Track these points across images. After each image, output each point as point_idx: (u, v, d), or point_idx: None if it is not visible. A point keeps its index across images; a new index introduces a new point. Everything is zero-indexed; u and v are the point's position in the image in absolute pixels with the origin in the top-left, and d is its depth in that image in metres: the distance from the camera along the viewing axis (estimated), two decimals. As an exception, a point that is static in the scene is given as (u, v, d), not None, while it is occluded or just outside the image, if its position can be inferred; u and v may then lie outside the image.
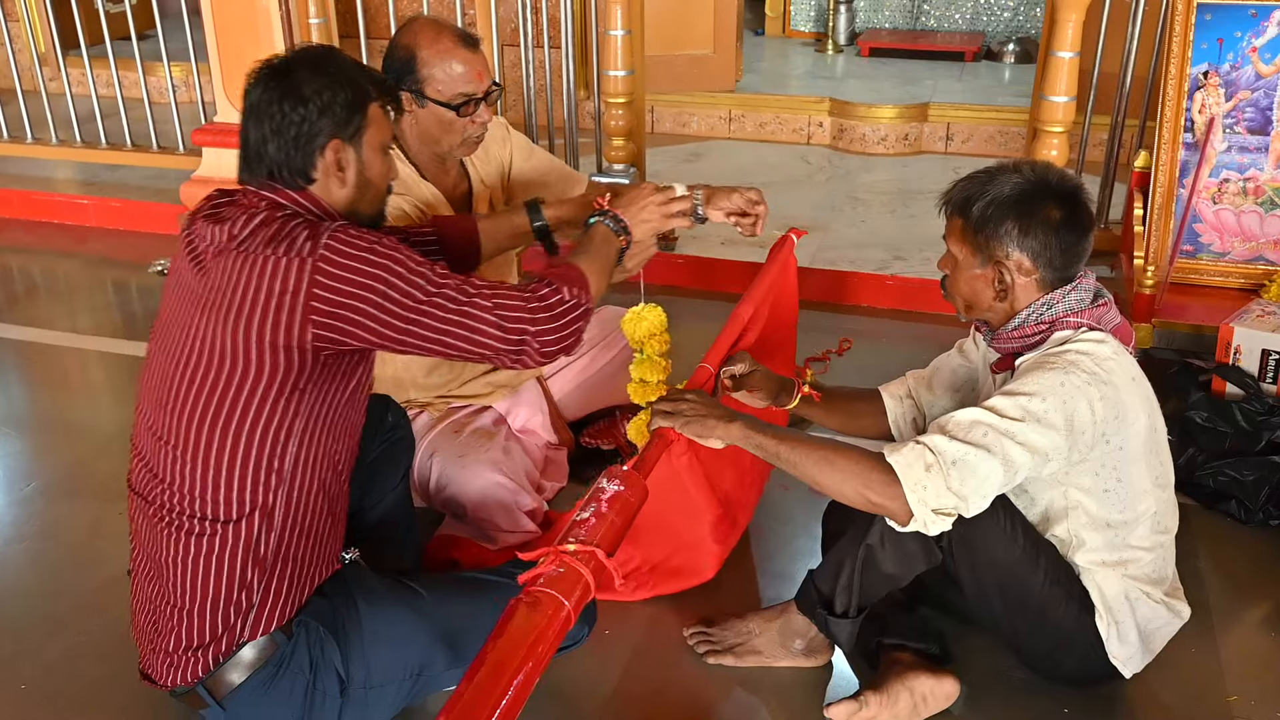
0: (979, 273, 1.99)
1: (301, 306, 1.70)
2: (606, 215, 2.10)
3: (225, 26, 4.21)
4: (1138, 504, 2.00)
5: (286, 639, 1.87)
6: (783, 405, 2.35)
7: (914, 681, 2.07)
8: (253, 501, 1.79)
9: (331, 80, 1.79)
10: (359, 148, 1.83)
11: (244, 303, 1.71)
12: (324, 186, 1.82)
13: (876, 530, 1.96)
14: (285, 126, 1.77)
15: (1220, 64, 3.33)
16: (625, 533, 1.81)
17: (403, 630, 1.95)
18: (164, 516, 1.81)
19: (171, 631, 1.85)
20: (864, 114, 5.42)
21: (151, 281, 4.23)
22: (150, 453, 1.84)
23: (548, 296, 1.84)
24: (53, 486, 2.97)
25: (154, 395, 1.82)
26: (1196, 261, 3.46)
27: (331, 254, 1.70)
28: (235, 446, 1.76)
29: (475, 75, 2.40)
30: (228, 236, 1.74)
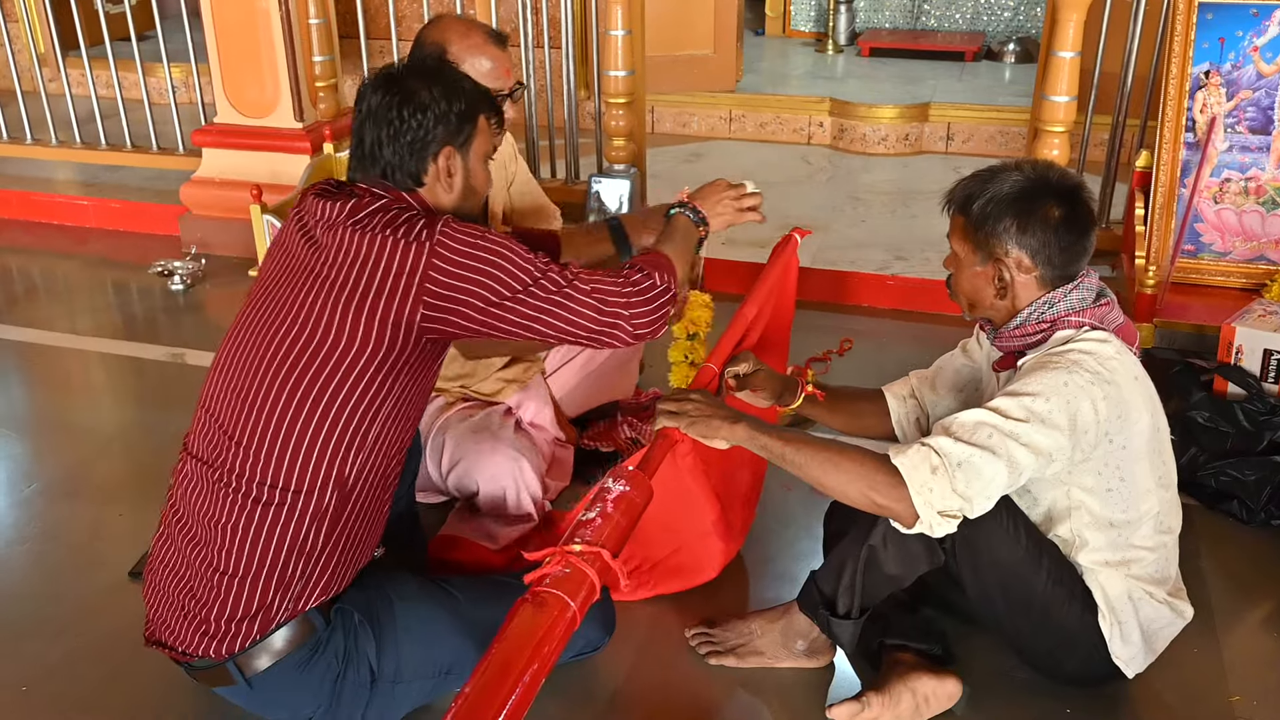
0: (980, 270, 1.99)
1: (416, 286, 1.77)
2: (686, 207, 2.23)
3: (225, 27, 4.21)
4: (1141, 504, 1.99)
5: (325, 623, 1.89)
6: (786, 405, 2.34)
7: (916, 682, 2.07)
8: (325, 475, 1.82)
9: (447, 90, 1.89)
10: (467, 156, 1.93)
11: (359, 277, 1.78)
12: (432, 190, 1.92)
13: (879, 531, 1.96)
14: (402, 131, 1.86)
15: (1222, 63, 3.32)
16: (630, 533, 1.81)
17: (436, 628, 1.97)
18: (230, 480, 1.83)
19: (216, 600, 1.84)
20: (864, 114, 5.42)
21: (152, 282, 4.23)
22: (229, 415, 1.85)
23: (640, 281, 1.94)
24: (53, 488, 2.97)
25: (247, 359, 1.85)
26: (1198, 261, 3.45)
27: (448, 239, 1.79)
28: (324, 417, 1.80)
29: (503, 72, 2.44)
30: (342, 213, 1.82)
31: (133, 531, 2.70)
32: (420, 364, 1.87)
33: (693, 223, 2.22)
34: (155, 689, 2.23)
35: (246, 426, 1.82)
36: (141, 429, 3.29)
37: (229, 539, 1.83)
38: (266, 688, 1.88)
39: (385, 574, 2.04)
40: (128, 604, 2.47)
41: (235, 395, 1.85)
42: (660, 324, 1.98)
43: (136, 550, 2.61)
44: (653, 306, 1.94)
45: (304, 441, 1.80)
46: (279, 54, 4.17)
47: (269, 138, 4.31)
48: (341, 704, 1.93)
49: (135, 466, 3.09)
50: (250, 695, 1.90)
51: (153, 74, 5.21)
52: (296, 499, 1.82)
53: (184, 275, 4.16)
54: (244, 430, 1.82)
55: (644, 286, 1.94)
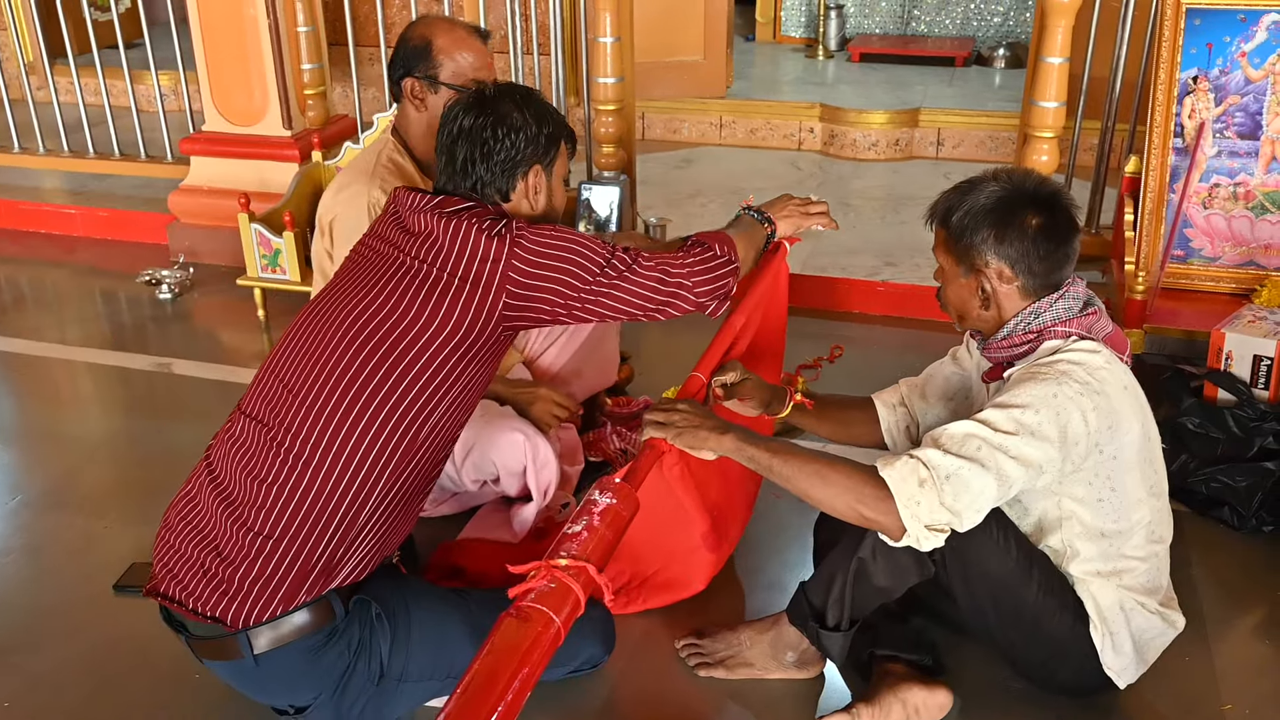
0: (964, 282, 1.99)
1: (500, 277, 1.88)
2: (750, 209, 2.36)
3: (213, 35, 4.19)
4: (1132, 513, 1.98)
5: (344, 612, 1.89)
6: (775, 414, 2.33)
7: (907, 693, 2.06)
8: (378, 450, 1.85)
9: (538, 114, 2.02)
10: (550, 175, 2.06)
11: (445, 262, 1.89)
12: (517, 206, 2.03)
13: (868, 544, 1.95)
14: (496, 150, 1.98)
15: (1210, 69, 3.32)
16: (616, 545, 1.79)
17: (447, 631, 1.99)
18: (284, 440, 1.85)
19: (244, 560, 1.83)
20: (855, 119, 5.42)
21: (140, 291, 4.21)
22: (297, 376, 1.89)
23: (701, 252, 2.09)
24: (39, 500, 2.95)
25: (326, 327, 1.91)
26: (1188, 267, 3.45)
27: (525, 235, 1.91)
28: (390, 392, 1.85)
29: (487, 65, 2.52)
30: (432, 202, 1.95)
31: (118, 544, 2.69)
32: (490, 353, 1.95)
33: (756, 220, 2.33)
34: (141, 703, 2.22)
35: (314, 387, 1.86)
36: (127, 439, 3.27)
37: (268, 497, 1.84)
38: (272, 668, 1.87)
39: (403, 576, 2.08)
40: (113, 617, 2.46)
41: (307, 359, 1.89)
42: (723, 293, 2.10)
43: (122, 563, 2.59)
44: (713, 275, 2.07)
45: (366, 412, 1.84)
46: (267, 62, 4.15)
47: (257, 146, 4.29)
48: (345, 696, 1.94)
49: (121, 478, 3.07)
50: (252, 674, 1.89)
51: (141, 82, 5.19)
52: (345, 468, 1.84)
53: (171, 284, 4.14)
54: (310, 390, 1.86)
55: (705, 257, 2.08)
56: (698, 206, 4.71)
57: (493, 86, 2.08)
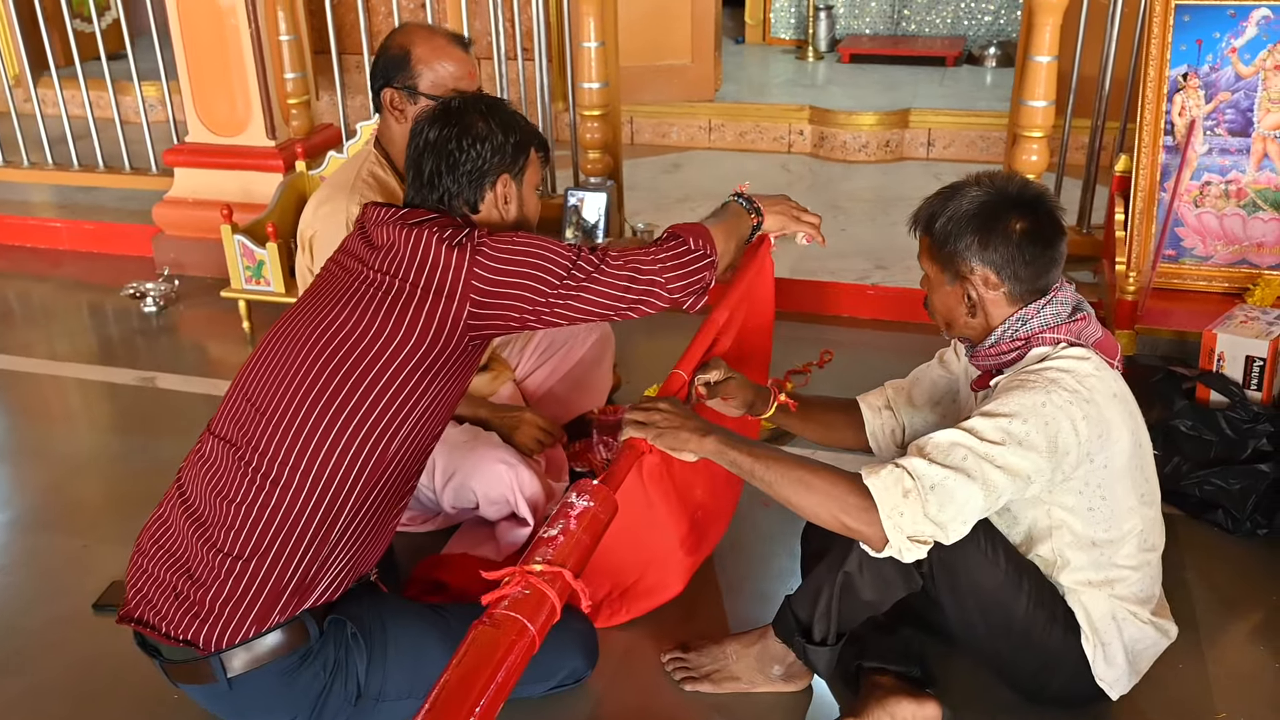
0: (949, 289, 1.96)
1: (463, 286, 1.84)
2: (740, 197, 2.27)
3: (195, 46, 4.16)
4: (1123, 522, 1.95)
5: (319, 632, 1.87)
6: (758, 414, 2.29)
7: (895, 706, 2.02)
8: (347, 466, 1.82)
9: (503, 123, 2.00)
10: (521, 184, 2.03)
11: (407, 273, 1.86)
12: (487, 217, 2.00)
13: (854, 557, 1.91)
14: (462, 161, 1.96)
15: (1199, 65, 3.29)
16: (594, 550, 1.75)
17: (425, 648, 1.96)
18: (252, 459, 1.82)
19: (215, 582, 1.81)
20: (844, 121, 5.39)
21: (125, 304, 4.18)
22: (265, 394, 1.86)
23: (674, 246, 2.01)
24: (22, 518, 2.92)
25: (293, 343, 1.88)
26: (1179, 266, 3.41)
27: (491, 240, 1.88)
28: (358, 407, 1.82)
29: (467, 74, 2.46)
30: (396, 214, 1.92)
31: (99, 562, 2.65)
32: (459, 365, 1.92)
33: (744, 209, 2.24)
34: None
35: (280, 405, 1.83)
36: (110, 456, 3.24)
37: (238, 517, 1.81)
38: (246, 691, 1.84)
39: (380, 594, 2.04)
40: (92, 637, 2.43)
41: (274, 378, 1.86)
42: (699, 287, 2.02)
43: (102, 581, 2.56)
44: (687, 270, 1.99)
45: (334, 428, 1.82)
46: (249, 71, 4.12)
47: (241, 156, 4.26)
48: (322, 717, 1.91)
49: (103, 495, 3.03)
50: (226, 698, 1.86)
51: (125, 93, 5.16)
52: (315, 487, 1.81)
53: (156, 297, 4.10)
54: (278, 409, 1.83)
55: (678, 251, 2.00)
56: (687, 211, 4.67)
57: (458, 98, 2.05)
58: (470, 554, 2.53)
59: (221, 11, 4.06)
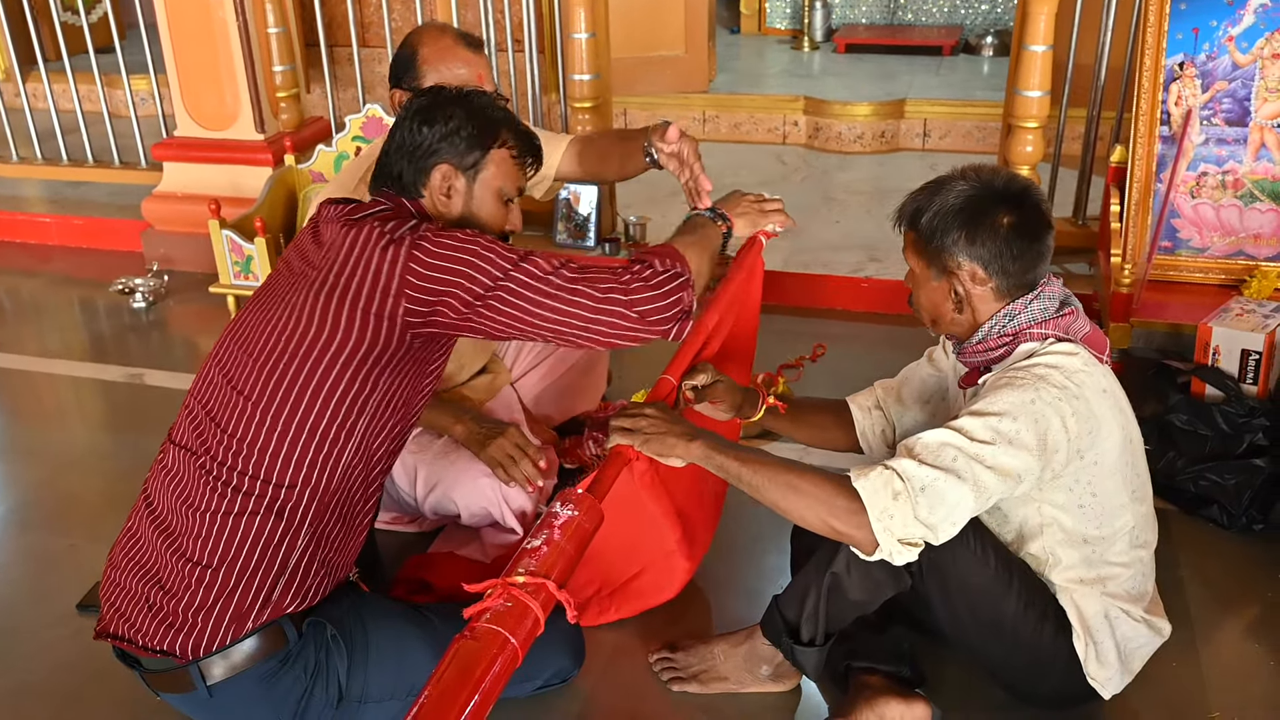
0: (935, 285, 1.93)
1: (398, 281, 1.77)
2: (702, 210, 2.18)
3: (182, 39, 4.12)
4: (1114, 519, 1.92)
5: (297, 635, 1.84)
6: (747, 417, 2.27)
7: (884, 707, 2.00)
8: (306, 470, 1.80)
9: (468, 113, 1.93)
10: (472, 181, 1.94)
11: (344, 271, 1.80)
12: (430, 206, 1.94)
13: (842, 558, 1.88)
14: (409, 141, 1.92)
15: (1196, 54, 3.25)
16: (579, 560, 1.72)
17: (407, 649, 1.93)
18: (213, 469, 1.80)
19: (186, 591, 1.79)
20: (840, 112, 5.35)
21: (113, 300, 4.15)
22: (220, 404, 1.83)
23: (641, 271, 1.86)
24: (10, 517, 2.90)
25: (244, 345, 1.84)
26: (1175, 258, 3.38)
27: (427, 237, 1.79)
28: (308, 410, 1.78)
29: (476, 78, 2.38)
30: (343, 211, 1.87)
31: (84, 562, 2.63)
32: (408, 364, 1.85)
33: (709, 219, 2.15)
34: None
35: (234, 414, 1.80)
36: (98, 454, 3.21)
37: (205, 527, 1.78)
38: (226, 698, 1.82)
39: (361, 594, 2.01)
40: (76, 637, 2.40)
41: (227, 383, 1.83)
42: (679, 313, 1.88)
43: (86, 581, 2.54)
44: (661, 292, 1.85)
45: (288, 434, 1.78)
46: (237, 65, 4.09)
47: (230, 150, 4.23)
48: None
49: (92, 493, 3.00)
50: (207, 705, 1.84)
51: (115, 87, 5.13)
52: (277, 492, 1.79)
53: (145, 292, 4.08)
54: (233, 417, 1.80)
55: (645, 275, 1.86)
56: (680, 203, 4.61)
57: (454, 87, 2.01)
58: (457, 553, 2.50)
59: (209, 4, 4.03)
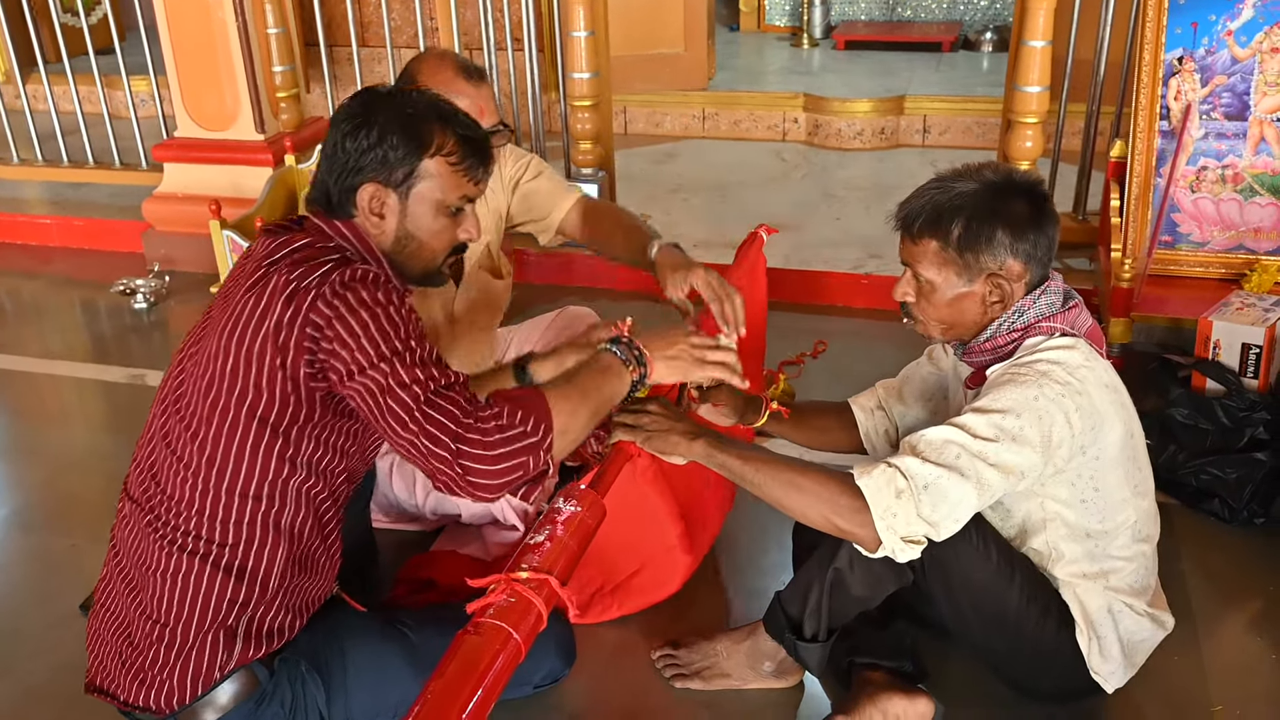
0: (965, 291, 1.88)
1: (295, 334, 1.62)
2: (619, 343, 1.83)
3: (182, 40, 4.13)
4: (1117, 514, 1.92)
5: (269, 674, 1.80)
6: (750, 423, 2.26)
7: (887, 703, 2.00)
8: (252, 529, 1.73)
9: (402, 123, 1.73)
10: (405, 198, 1.76)
11: (250, 322, 1.66)
12: (363, 228, 1.77)
13: (844, 553, 1.88)
14: (338, 151, 1.74)
15: (1195, 49, 3.25)
16: (581, 556, 1.73)
17: (386, 667, 1.89)
18: (160, 529, 1.74)
19: (150, 648, 1.76)
20: (839, 108, 5.35)
21: (115, 301, 4.15)
22: (159, 461, 1.76)
23: (485, 419, 1.59)
24: (12, 518, 2.90)
25: (176, 403, 1.75)
26: (1175, 252, 3.38)
27: (338, 286, 1.62)
28: (237, 474, 1.70)
29: (476, 111, 2.23)
30: (266, 250, 1.72)
31: (85, 563, 2.63)
32: (343, 417, 1.73)
33: (618, 360, 1.80)
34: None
35: (171, 477, 1.74)
36: (99, 455, 3.21)
37: (160, 586, 1.74)
38: None
39: (337, 614, 1.94)
40: (78, 639, 2.37)
41: (164, 443, 1.76)
42: (510, 480, 1.60)
43: (88, 582, 2.52)
44: (494, 454, 1.58)
45: (221, 499, 1.71)
46: (237, 65, 4.09)
47: (230, 151, 4.23)
48: None
49: (90, 495, 3.00)
50: None
51: (115, 89, 5.13)
52: (222, 552, 1.73)
53: (146, 293, 4.08)
54: (169, 477, 1.74)
55: (488, 427, 1.58)
56: (680, 201, 4.65)
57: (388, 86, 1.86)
58: (459, 551, 2.50)
59: (209, 5, 4.03)
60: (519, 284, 4.08)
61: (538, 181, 2.64)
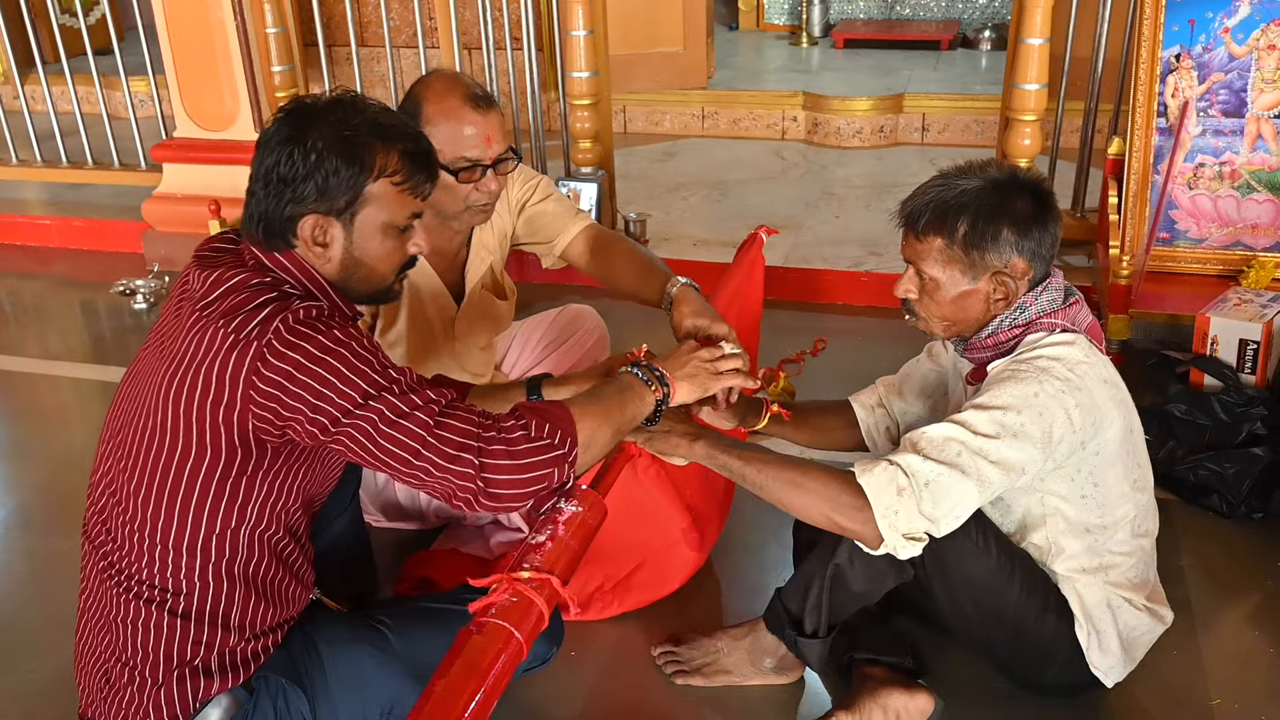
0: (969, 289, 1.88)
1: (241, 391, 1.56)
2: (639, 366, 1.83)
3: (181, 40, 4.14)
4: (1116, 508, 1.93)
5: (248, 695, 1.78)
6: (751, 426, 2.25)
7: (887, 698, 2.00)
8: (204, 575, 1.69)
9: (341, 146, 1.61)
10: (349, 225, 1.66)
11: (194, 374, 1.58)
12: (306, 256, 1.67)
13: (845, 549, 1.89)
14: (272, 179, 1.62)
15: (1192, 46, 3.26)
16: (583, 556, 1.73)
17: (368, 670, 1.86)
18: (115, 576, 1.71)
19: (125, 687, 1.75)
20: (838, 107, 5.36)
21: (115, 302, 4.16)
22: (109, 511, 1.72)
23: (511, 429, 1.58)
24: (13, 518, 2.90)
25: (115, 449, 1.70)
26: (1173, 249, 3.39)
27: (279, 340, 1.55)
28: (183, 527, 1.65)
29: (483, 140, 2.18)
30: (199, 290, 1.62)
31: (86, 562, 2.64)
32: (284, 467, 1.68)
33: (640, 381, 1.80)
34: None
35: (119, 527, 1.70)
36: (100, 454, 3.22)
37: (126, 633, 1.72)
38: None
39: (314, 621, 1.89)
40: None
41: (109, 491, 1.72)
42: (536, 489, 1.61)
43: (90, 582, 2.54)
44: (520, 464, 1.57)
45: (169, 551, 1.67)
46: (236, 65, 4.10)
47: (229, 151, 4.23)
48: None
49: (92, 494, 3.02)
50: None
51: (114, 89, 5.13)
52: (178, 600, 1.69)
53: (146, 294, 4.09)
54: (117, 526, 1.70)
55: (514, 436, 1.58)
56: (679, 200, 4.65)
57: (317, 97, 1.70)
58: (460, 551, 2.51)
59: (207, 5, 4.04)
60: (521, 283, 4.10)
61: (545, 204, 2.57)
